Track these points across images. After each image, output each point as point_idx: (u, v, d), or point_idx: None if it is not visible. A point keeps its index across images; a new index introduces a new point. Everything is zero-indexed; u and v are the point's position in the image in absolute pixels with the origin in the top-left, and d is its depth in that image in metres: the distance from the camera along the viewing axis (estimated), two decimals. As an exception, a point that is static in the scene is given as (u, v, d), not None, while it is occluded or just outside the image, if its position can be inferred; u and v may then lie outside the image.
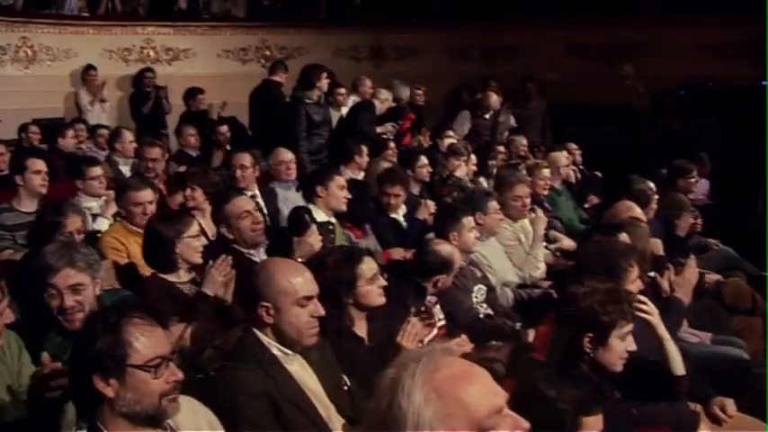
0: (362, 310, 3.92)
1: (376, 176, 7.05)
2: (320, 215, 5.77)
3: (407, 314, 3.81)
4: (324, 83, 8.85)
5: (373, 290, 3.91)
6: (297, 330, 3.15)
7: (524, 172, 7.66)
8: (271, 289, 3.13)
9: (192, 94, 11.21)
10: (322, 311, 3.20)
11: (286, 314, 3.14)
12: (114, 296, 3.87)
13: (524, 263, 6.25)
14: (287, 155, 7.34)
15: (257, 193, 6.80)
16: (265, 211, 6.35)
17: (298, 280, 3.17)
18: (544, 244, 6.53)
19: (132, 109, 11.53)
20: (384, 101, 9.91)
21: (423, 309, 3.96)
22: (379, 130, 9.24)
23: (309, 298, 3.18)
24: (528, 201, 6.59)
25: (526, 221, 6.60)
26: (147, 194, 5.40)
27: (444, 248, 4.84)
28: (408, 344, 3.66)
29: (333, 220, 5.92)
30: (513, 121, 11.30)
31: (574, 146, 9.77)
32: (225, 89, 11.57)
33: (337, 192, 5.93)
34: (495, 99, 11.05)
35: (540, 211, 6.57)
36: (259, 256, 4.90)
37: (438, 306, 4.81)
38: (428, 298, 4.73)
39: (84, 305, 3.42)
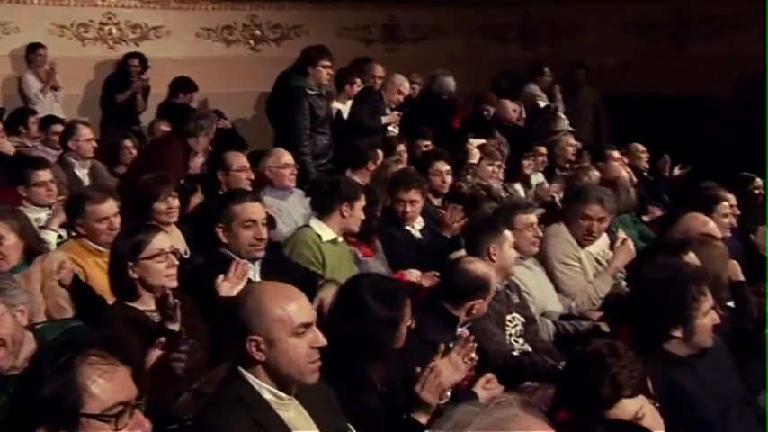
0: None
1: (387, 181, 7.13)
2: (327, 233, 5.93)
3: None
4: (321, 73, 8.89)
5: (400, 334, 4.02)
6: (296, 366, 3.17)
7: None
8: (260, 319, 3.15)
9: (184, 86, 11.23)
10: (323, 340, 3.22)
11: (281, 347, 3.15)
12: (59, 328, 3.87)
13: (581, 290, 6.28)
14: (290, 157, 7.43)
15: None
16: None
17: (292, 306, 3.19)
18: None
19: (105, 94, 11.52)
20: (399, 87, 9.81)
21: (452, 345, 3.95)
22: (384, 120, 9.26)
23: (307, 325, 3.20)
24: (600, 227, 6.52)
25: (592, 248, 6.61)
26: (110, 206, 5.46)
27: (479, 267, 4.89)
28: (430, 396, 3.68)
29: (340, 238, 6.03)
30: (565, 124, 11.25)
31: (641, 148, 9.78)
32: (205, 76, 11.60)
33: (360, 213, 6.08)
34: (511, 111, 11.01)
35: (629, 242, 6.55)
36: (254, 271, 5.02)
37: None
38: (459, 330, 4.73)
39: (4, 340, 3.43)
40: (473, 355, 3.93)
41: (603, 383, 3.30)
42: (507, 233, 5.55)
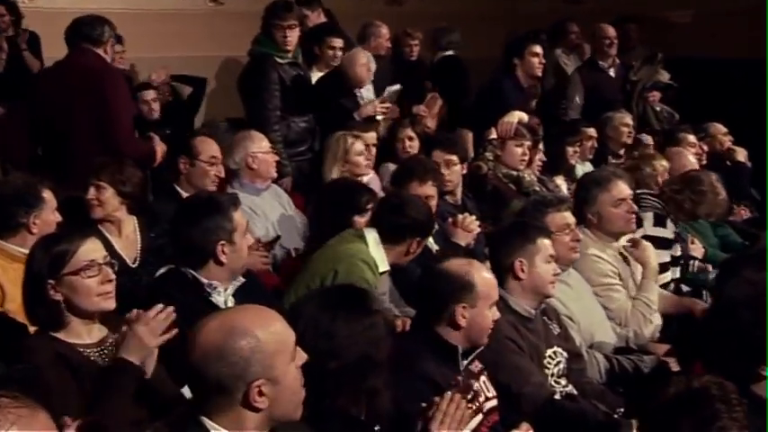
0: None
1: (389, 175, 7.21)
2: (383, 265, 5.98)
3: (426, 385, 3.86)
4: (286, 34, 8.87)
5: None
6: (297, 398, 3.27)
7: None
8: (260, 356, 3.17)
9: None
10: (304, 354, 3.31)
11: (286, 382, 3.23)
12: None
13: (631, 311, 6.26)
14: (268, 143, 7.42)
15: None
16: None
17: (278, 326, 3.28)
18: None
19: None
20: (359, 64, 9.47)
21: (457, 381, 4.01)
22: (363, 113, 9.15)
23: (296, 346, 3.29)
24: (634, 208, 6.59)
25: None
26: (51, 199, 5.54)
27: (455, 264, 4.88)
28: None
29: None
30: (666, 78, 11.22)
31: (722, 129, 9.71)
32: (151, 36, 11.57)
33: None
34: (612, 36, 11.03)
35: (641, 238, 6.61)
36: (224, 295, 5.05)
37: (485, 376, 4.83)
38: (465, 363, 4.74)
39: None
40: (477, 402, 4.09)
41: None
42: (543, 243, 5.51)
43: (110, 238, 6.09)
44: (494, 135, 8.68)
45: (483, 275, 4.82)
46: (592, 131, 9.55)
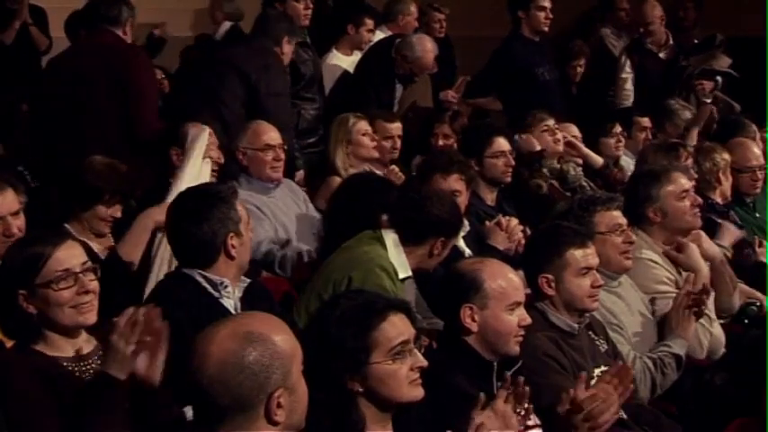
0: (383, 407, 4.07)
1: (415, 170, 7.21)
2: (404, 269, 6.01)
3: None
4: (295, 8, 8.91)
5: (401, 372, 4.05)
6: (305, 408, 3.35)
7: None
8: (280, 362, 3.25)
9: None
10: None
11: (300, 390, 3.32)
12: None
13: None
14: (277, 135, 7.33)
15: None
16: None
17: (290, 334, 3.34)
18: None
19: None
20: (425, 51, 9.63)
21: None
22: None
23: None
24: (699, 200, 6.59)
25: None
26: (10, 200, 5.45)
27: (464, 262, 5.02)
28: None
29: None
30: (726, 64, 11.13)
31: None
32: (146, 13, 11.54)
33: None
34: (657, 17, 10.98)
35: (704, 236, 6.59)
36: (233, 298, 5.07)
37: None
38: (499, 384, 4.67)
39: None
40: (525, 403, 4.06)
41: None
42: (573, 255, 5.45)
43: (90, 242, 5.93)
44: (559, 147, 8.70)
45: (495, 274, 4.83)
46: (645, 121, 9.59)
